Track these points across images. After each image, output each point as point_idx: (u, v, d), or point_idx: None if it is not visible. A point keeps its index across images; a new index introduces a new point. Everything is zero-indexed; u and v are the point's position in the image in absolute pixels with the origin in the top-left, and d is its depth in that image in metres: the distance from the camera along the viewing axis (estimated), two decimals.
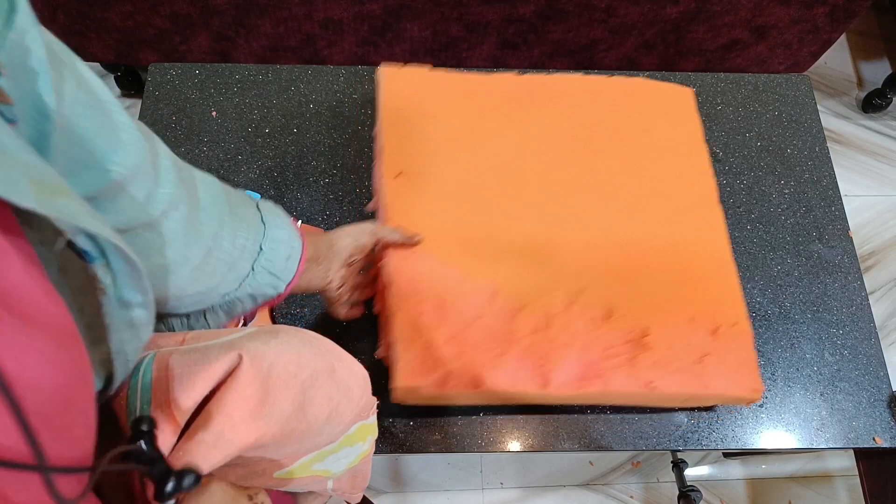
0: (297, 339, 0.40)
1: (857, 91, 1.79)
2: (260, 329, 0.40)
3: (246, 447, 0.36)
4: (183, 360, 0.36)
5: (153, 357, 0.38)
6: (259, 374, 0.36)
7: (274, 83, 0.84)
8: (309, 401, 0.39)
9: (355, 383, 0.43)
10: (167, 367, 0.36)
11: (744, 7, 1.15)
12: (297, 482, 0.46)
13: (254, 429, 0.36)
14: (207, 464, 0.34)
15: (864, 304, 0.76)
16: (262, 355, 0.37)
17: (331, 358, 0.42)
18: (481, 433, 0.67)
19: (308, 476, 0.46)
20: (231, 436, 0.35)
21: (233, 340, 0.38)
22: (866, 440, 0.69)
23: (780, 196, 0.82)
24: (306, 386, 0.39)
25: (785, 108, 0.88)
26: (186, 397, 0.35)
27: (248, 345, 0.37)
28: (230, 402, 0.35)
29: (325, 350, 0.42)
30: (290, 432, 0.38)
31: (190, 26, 1.15)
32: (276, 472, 0.43)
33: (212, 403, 0.35)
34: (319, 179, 0.79)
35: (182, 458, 0.34)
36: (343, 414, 0.42)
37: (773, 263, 0.78)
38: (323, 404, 0.40)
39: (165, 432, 0.34)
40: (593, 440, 0.67)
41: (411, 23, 1.15)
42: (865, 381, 0.72)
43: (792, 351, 0.73)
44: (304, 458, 0.44)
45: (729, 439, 0.68)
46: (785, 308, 0.75)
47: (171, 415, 0.34)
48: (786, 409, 0.70)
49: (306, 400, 0.39)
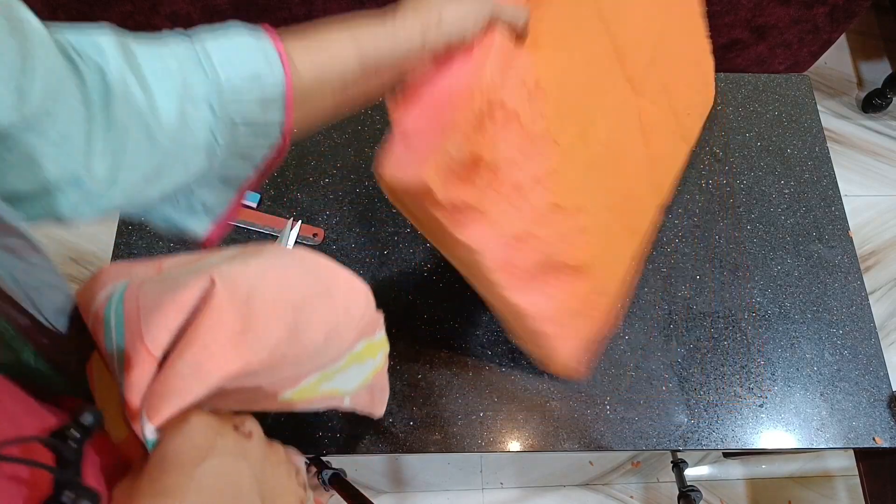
0: (283, 258, 0.37)
1: (857, 91, 1.79)
2: (242, 250, 0.37)
3: (230, 377, 0.33)
4: (153, 290, 0.34)
5: (125, 287, 0.35)
6: (237, 299, 0.33)
7: None
8: (304, 324, 0.36)
9: (354, 301, 0.40)
10: (137, 297, 0.34)
11: (744, 7, 1.15)
12: (307, 403, 0.43)
13: (235, 357, 0.33)
14: (186, 396, 0.32)
15: (864, 303, 0.76)
16: (240, 277, 0.34)
17: (325, 276, 0.38)
18: (481, 433, 0.67)
19: (318, 396, 0.43)
20: (210, 366, 0.32)
21: (208, 265, 0.35)
22: (866, 440, 0.69)
23: (780, 196, 0.82)
24: (298, 309, 0.36)
25: (785, 108, 0.88)
26: (158, 328, 0.32)
27: (224, 268, 0.34)
28: (206, 331, 0.32)
29: (318, 268, 0.38)
30: (283, 358, 0.36)
31: (190, 26, 1.15)
32: (280, 395, 0.40)
33: (187, 333, 0.33)
34: (319, 179, 0.79)
35: (159, 391, 0.32)
36: (343, 334, 0.40)
37: (773, 263, 0.77)
38: (319, 327, 0.37)
39: (142, 366, 0.32)
40: (593, 440, 0.67)
41: None
42: (865, 381, 0.72)
43: (792, 351, 0.73)
44: (307, 380, 0.41)
45: (729, 439, 0.68)
46: (785, 308, 0.75)
47: (146, 348, 0.32)
48: (786, 408, 0.70)
49: (300, 323, 0.36)
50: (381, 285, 0.73)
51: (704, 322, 0.74)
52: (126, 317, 0.34)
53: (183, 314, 0.33)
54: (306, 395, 0.42)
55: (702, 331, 0.73)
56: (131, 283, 0.36)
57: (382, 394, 0.53)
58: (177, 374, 0.32)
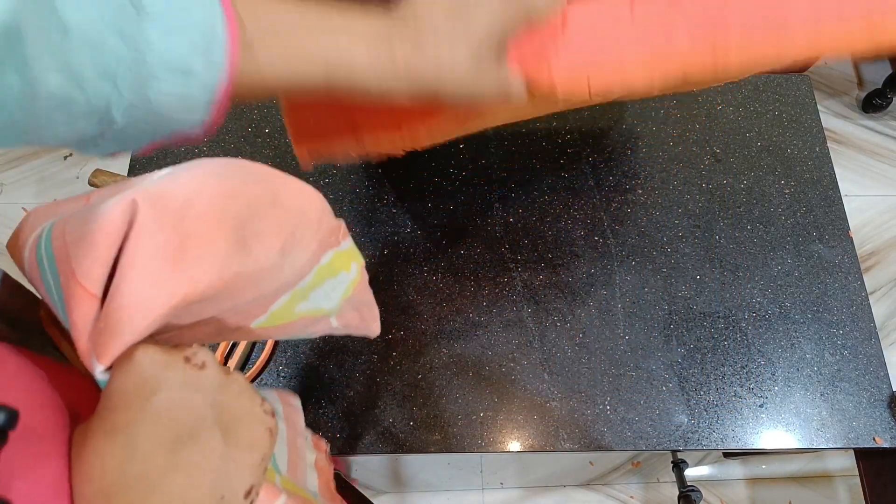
0: (221, 167, 0.33)
1: (858, 91, 1.79)
2: (175, 167, 0.33)
3: (178, 304, 0.31)
4: (76, 224, 0.31)
5: (51, 226, 0.33)
6: (168, 216, 0.30)
7: None
8: (252, 235, 0.33)
9: (310, 205, 0.37)
10: (63, 233, 0.31)
11: None
12: (289, 328, 0.40)
13: (180, 280, 0.30)
14: (130, 330, 0.30)
15: (865, 304, 0.76)
16: (169, 194, 0.31)
17: (271, 181, 0.35)
18: (481, 433, 0.67)
19: (298, 319, 0.40)
20: (151, 293, 0.30)
21: (132, 186, 0.32)
22: (866, 440, 0.69)
23: (780, 196, 0.82)
24: (243, 219, 0.32)
25: (785, 108, 0.88)
26: (88, 262, 0.30)
27: (148, 187, 0.31)
28: (138, 256, 0.29)
29: (262, 174, 0.35)
30: (236, 277, 0.33)
31: None
32: (252, 322, 0.37)
33: (120, 264, 0.30)
34: (319, 179, 0.79)
35: (103, 329, 0.30)
36: (302, 241, 0.36)
37: (773, 263, 0.77)
38: (272, 236, 0.34)
39: (81, 306, 0.30)
40: (593, 440, 0.67)
41: None
42: (866, 381, 0.72)
43: (792, 351, 0.73)
44: (277, 302, 0.38)
45: (729, 439, 0.68)
46: (785, 308, 0.75)
47: (80, 286, 0.30)
48: (786, 408, 0.70)
49: (248, 234, 0.33)
50: (382, 285, 0.73)
51: (704, 322, 0.74)
52: (56, 256, 0.31)
53: (114, 242, 0.30)
54: (282, 320, 0.39)
55: (702, 331, 0.73)
56: (57, 221, 0.33)
57: (371, 309, 0.48)
58: (117, 308, 0.29)
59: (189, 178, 0.31)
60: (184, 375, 0.32)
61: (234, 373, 0.36)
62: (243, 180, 0.33)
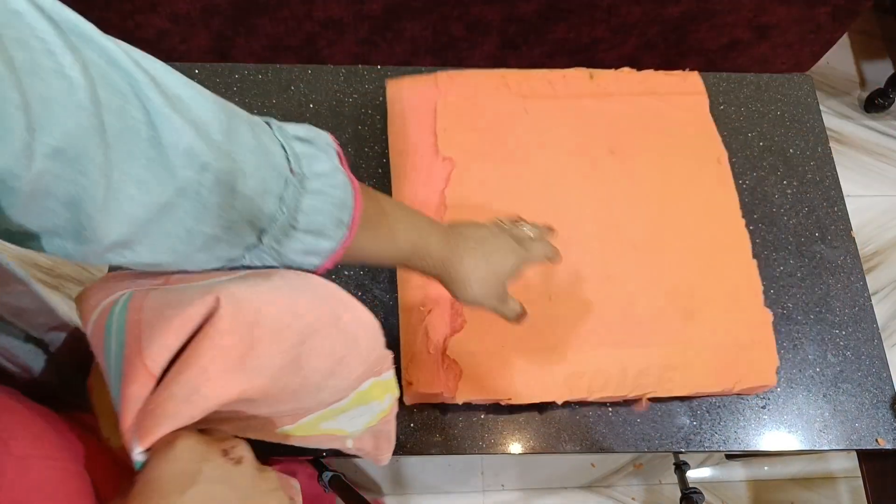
0: (294, 282, 0.35)
1: (860, 91, 1.78)
2: (252, 272, 0.35)
3: (226, 402, 0.32)
4: (156, 304, 0.33)
5: (129, 297, 0.34)
6: (242, 322, 0.32)
7: (274, 83, 0.84)
8: (307, 353, 0.35)
9: (364, 334, 0.39)
10: (140, 309, 0.33)
11: (745, 6, 1.15)
12: (307, 440, 0.43)
13: (234, 383, 0.32)
14: (178, 419, 0.31)
15: (867, 304, 0.75)
16: (247, 301, 0.33)
17: (335, 304, 0.37)
18: (482, 435, 0.66)
19: (318, 434, 0.43)
20: (206, 391, 0.31)
21: (215, 283, 0.33)
22: (869, 441, 0.69)
23: (782, 196, 0.82)
24: (304, 336, 0.35)
25: (787, 108, 0.88)
26: (159, 346, 0.31)
27: (232, 288, 0.32)
28: (205, 353, 0.31)
29: (327, 296, 0.37)
30: (284, 387, 0.35)
31: (190, 26, 1.15)
32: (277, 428, 0.40)
33: (186, 353, 0.32)
34: None
35: (152, 411, 0.31)
36: (349, 368, 0.39)
37: (775, 264, 0.77)
38: (323, 357, 0.36)
39: (139, 384, 0.31)
40: (595, 442, 0.67)
41: (411, 22, 1.14)
42: (868, 383, 0.71)
43: (795, 352, 0.72)
44: (308, 417, 0.41)
45: (731, 441, 0.68)
46: (788, 309, 0.75)
47: (144, 366, 0.31)
48: (788, 410, 0.70)
49: (304, 352, 0.35)
50: (382, 284, 0.73)
51: None
52: (127, 329, 0.33)
53: (185, 333, 0.32)
54: (305, 433, 0.42)
55: None
56: (136, 292, 0.34)
57: (389, 441, 0.51)
58: (171, 397, 0.31)
59: (267, 288, 0.34)
60: (220, 471, 0.33)
61: (268, 470, 0.38)
62: (311, 299, 0.36)
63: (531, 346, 0.65)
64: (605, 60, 1.23)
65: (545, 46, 1.22)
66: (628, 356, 0.66)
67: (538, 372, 0.64)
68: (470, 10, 1.11)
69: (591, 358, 0.65)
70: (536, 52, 1.24)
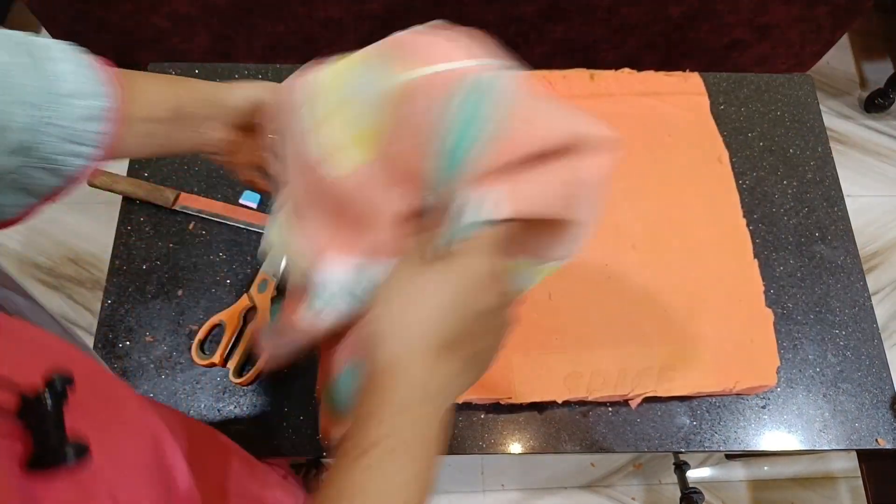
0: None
1: (860, 91, 1.79)
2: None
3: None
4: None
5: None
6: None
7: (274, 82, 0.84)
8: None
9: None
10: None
11: (746, 6, 1.15)
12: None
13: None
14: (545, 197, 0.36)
15: (867, 305, 0.75)
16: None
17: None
18: (482, 435, 0.66)
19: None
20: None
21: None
22: (869, 441, 0.69)
23: (782, 196, 0.82)
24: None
25: (787, 108, 0.88)
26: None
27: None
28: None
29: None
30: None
31: (190, 26, 1.15)
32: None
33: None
34: None
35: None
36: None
37: (775, 264, 0.77)
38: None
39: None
40: (595, 442, 0.67)
41: (411, 22, 1.14)
42: (868, 383, 0.71)
43: (794, 352, 0.72)
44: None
45: (731, 441, 0.68)
46: (788, 309, 0.75)
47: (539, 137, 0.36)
48: (788, 410, 0.70)
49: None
50: None
51: None
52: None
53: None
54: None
55: None
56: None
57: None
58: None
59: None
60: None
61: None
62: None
63: (531, 346, 0.65)
64: (605, 60, 1.23)
65: (545, 46, 1.22)
66: (628, 356, 0.66)
67: (538, 372, 0.65)
68: (470, 9, 1.11)
69: (591, 358, 0.66)
70: (536, 52, 1.24)
